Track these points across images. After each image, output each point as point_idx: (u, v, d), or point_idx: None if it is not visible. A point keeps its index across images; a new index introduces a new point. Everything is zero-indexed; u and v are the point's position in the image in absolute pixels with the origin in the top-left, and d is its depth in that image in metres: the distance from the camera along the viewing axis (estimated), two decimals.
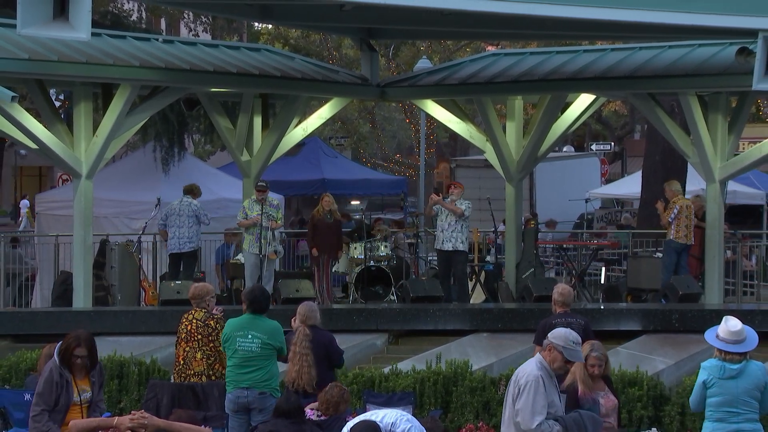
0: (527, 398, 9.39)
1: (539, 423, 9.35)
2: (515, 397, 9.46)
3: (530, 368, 9.56)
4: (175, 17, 37.73)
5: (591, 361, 10.74)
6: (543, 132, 20.81)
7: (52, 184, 43.27)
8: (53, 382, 9.58)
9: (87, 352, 9.65)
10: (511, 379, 9.67)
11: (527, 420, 9.37)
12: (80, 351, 9.63)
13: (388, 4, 16.06)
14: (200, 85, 19.38)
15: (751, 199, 30.21)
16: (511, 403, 9.52)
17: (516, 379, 9.54)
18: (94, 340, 9.80)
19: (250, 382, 12.09)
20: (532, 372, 9.50)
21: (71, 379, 9.62)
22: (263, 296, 12.47)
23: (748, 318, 14.83)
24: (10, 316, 18.46)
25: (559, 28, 18.90)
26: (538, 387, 9.43)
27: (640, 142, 48.26)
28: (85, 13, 13.69)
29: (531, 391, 9.40)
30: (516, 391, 9.46)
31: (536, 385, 9.42)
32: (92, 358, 9.70)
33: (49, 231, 22.69)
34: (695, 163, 19.28)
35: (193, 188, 20.61)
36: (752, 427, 10.35)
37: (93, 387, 9.75)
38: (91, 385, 9.76)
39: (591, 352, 10.77)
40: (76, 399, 9.65)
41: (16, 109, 17.05)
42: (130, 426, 9.24)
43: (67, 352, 9.64)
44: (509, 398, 9.57)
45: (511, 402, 9.51)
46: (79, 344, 9.63)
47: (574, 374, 10.62)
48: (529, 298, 19.20)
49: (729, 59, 17.72)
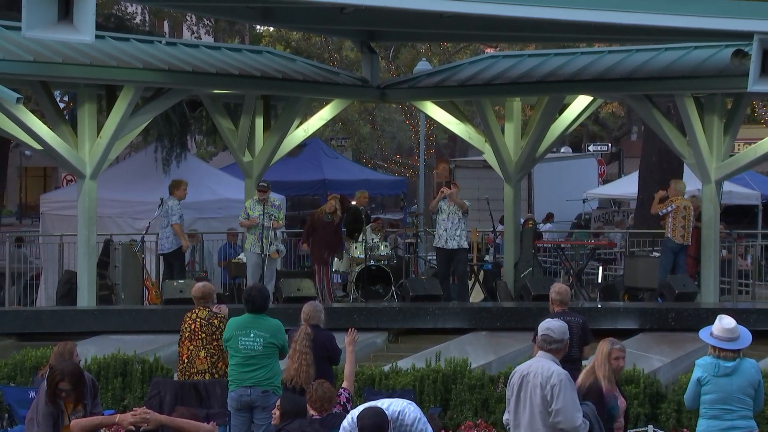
0: (565, 397, 9.09)
1: (582, 420, 9.15)
2: (549, 398, 9.08)
3: (554, 367, 9.23)
4: (178, 20, 37.78)
5: (615, 354, 10.32)
6: (541, 133, 20.82)
7: (56, 184, 43.29)
8: (49, 414, 9.46)
9: (71, 386, 9.43)
10: (528, 381, 9.22)
11: (571, 419, 9.09)
12: (64, 385, 9.42)
13: (388, 6, 16.09)
14: (203, 87, 19.39)
15: (747, 200, 30.24)
16: (541, 404, 9.12)
17: (543, 380, 9.13)
18: (79, 373, 9.54)
19: (253, 381, 12.09)
20: (558, 370, 9.19)
21: (62, 406, 9.50)
22: (260, 296, 12.42)
23: (743, 317, 14.89)
24: (15, 315, 18.47)
25: (556, 31, 18.91)
26: (572, 384, 9.22)
27: (636, 143, 48.26)
28: (89, 15, 13.71)
29: (567, 389, 9.13)
30: (549, 392, 9.09)
31: (569, 382, 9.18)
32: (77, 391, 9.45)
33: (54, 231, 22.71)
34: (691, 164, 19.29)
35: (172, 184, 20.10)
36: (746, 423, 10.37)
37: (85, 407, 9.58)
38: (84, 406, 9.59)
39: (613, 345, 10.36)
40: (67, 422, 9.50)
41: (21, 111, 17.05)
42: (132, 422, 9.19)
43: (52, 385, 9.45)
44: (537, 400, 9.15)
45: (542, 403, 9.11)
46: (63, 378, 9.42)
47: (594, 373, 10.29)
48: (528, 297, 19.20)
49: (724, 61, 17.75)
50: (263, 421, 12.06)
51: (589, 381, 10.28)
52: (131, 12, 32.99)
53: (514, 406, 9.31)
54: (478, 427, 14.15)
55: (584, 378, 10.34)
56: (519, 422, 9.28)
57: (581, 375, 10.43)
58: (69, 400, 9.55)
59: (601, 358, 10.29)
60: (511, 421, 9.38)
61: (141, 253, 20.39)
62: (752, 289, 22.42)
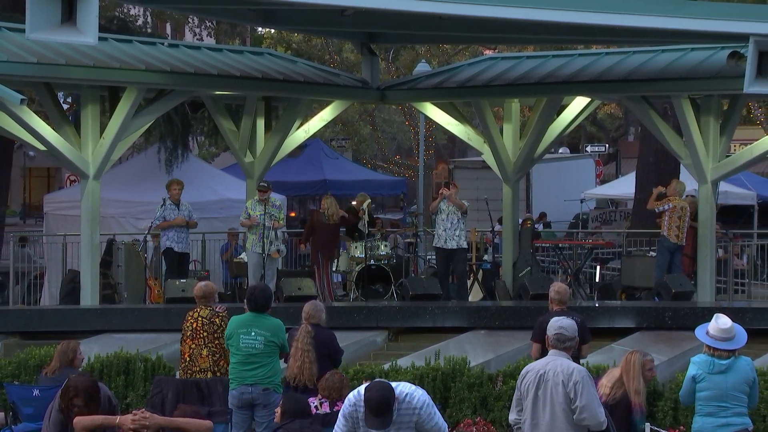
0: (589, 394, 9.00)
1: (605, 416, 9.09)
2: (572, 395, 8.96)
3: (573, 364, 9.15)
4: (180, 22, 37.75)
5: (649, 365, 10.30)
6: (539, 134, 20.83)
7: (60, 185, 43.29)
8: (59, 422, 9.37)
9: (83, 403, 9.21)
10: (547, 380, 9.08)
11: (596, 414, 9.00)
12: (77, 401, 9.22)
13: (388, 9, 16.09)
14: (205, 88, 19.39)
15: (742, 200, 30.24)
16: (564, 402, 8.98)
17: (565, 378, 9.01)
18: (93, 391, 9.25)
19: (254, 379, 12.10)
20: (579, 368, 9.13)
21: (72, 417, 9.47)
22: (262, 295, 12.42)
23: (740, 316, 14.89)
24: (19, 314, 18.47)
25: (554, 33, 18.92)
26: (592, 380, 9.16)
27: (634, 143, 48.25)
28: (93, 18, 13.73)
29: (589, 386, 9.04)
30: (572, 390, 8.97)
31: (590, 379, 9.12)
32: (91, 405, 9.19)
33: (57, 231, 22.71)
34: (688, 165, 19.30)
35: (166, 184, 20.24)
36: (741, 420, 10.39)
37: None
38: None
39: (645, 357, 10.32)
40: None
41: (25, 112, 17.06)
42: (132, 427, 9.08)
43: (65, 399, 9.29)
44: (559, 398, 9.00)
45: (564, 401, 8.98)
46: (77, 395, 9.20)
47: (623, 386, 10.22)
48: (526, 296, 19.21)
49: (721, 63, 17.77)
50: (264, 419, 12.08)
51: (619, 393, 10.24)
52: (134, 14, 33.01)
53: (532, 405, 9.14)
54: (477, 425, 14.15)
55: (613, 389, 10.28)
56: (537, 421, 9.12)
57: (607, 383, 10.34)
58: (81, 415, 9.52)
59: (633, 372, 10.21)
60: (528, 420, 9.17)
61: (143, 253, 20.40)
62: (748, 288, 22.43)
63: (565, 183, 34.82)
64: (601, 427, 9.12)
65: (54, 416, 9.49)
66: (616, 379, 10.36)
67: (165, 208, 19.54)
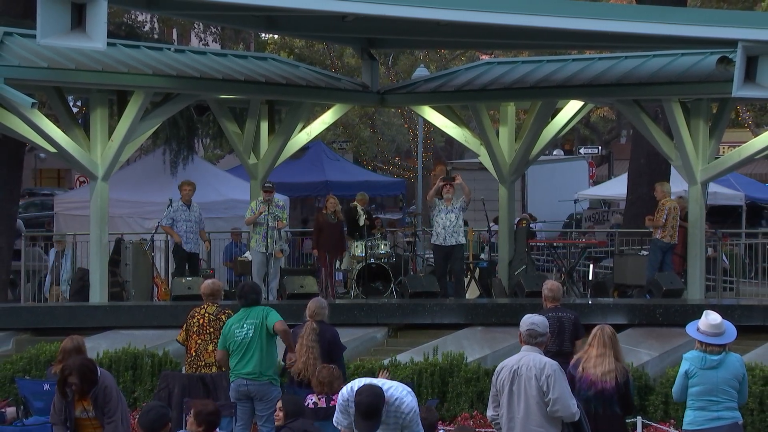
0: (561, 387, 9.12)
1: (576, 407, 9.21)
2: (545, 388, 9.07)
3: (545, 359, 9.24)
4: (186, 28, 37.74)
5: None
6: (534, 136, 20.83)
7: (69, 185, 43.26)
8: (60, 404, 9.65)
9: (78, 380, 9.56)
10: (520, 375, 9.18)
11: (568, 406, 9.13)
12: (72, 379, 9.58)
13: (388, 15, 16.09)
14: (210, 92, 19.39)
15: (731, 200, 30.26)
16: (537, 396, 9.10)
17: (537, 372, 9.11)
18: (88, 367, 9.67)
19: (248, 369, 12.09)
20: (550, 362, 9.21)
21: (72, 399, 9.64)
22: (252, 290, 12.52)
23: (728, 312, 14.86)
24: (30, 311, 18.48)
25: (549, 39, 18.93)
26: (563, 374, 9.24)
27: (626, 146, 48.24)
28: (101, 24, 13.75)
29: (561, 379, 9.15)
30: (545, 383, 9.08)
31: (561, 372, 9.21)
32: (85, 384, 9.57)
33: (67, 230, 22.71)
34: (678, 166, 19.30)
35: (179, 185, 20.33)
36: (731, 414, 10.40)
37: (96, 408, 9.65)
38: (94, 405, 9.66)
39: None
40: (79, 415, 9.66)
41: (35, 115, 17.06)
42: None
43: (62, 379, 9.62)
44: (532, 392, 9.12)
45: (537, 394, 9.10)
46: (71, 373, 9.57)
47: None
48: (521, 294, 19.21)
49: (710, 68, 17.76)
50: (263, 412, 12.09)
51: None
52: (141, 20, 33.01)
53: (507, 400, 9.26)
54: (474, 418, 14.16)
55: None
56: (513, 415, 9.24)
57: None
58: (79, 392, 9.64)
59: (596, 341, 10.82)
60: (504, 414, 9.30)
61: (151, 252, 20.40)
62: (736, 285, 22.43)
63: (560, 184, 34.81)
64: (573, 418, 9.26)
65: (57, 402, 9.60)
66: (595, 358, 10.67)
67: (172, 208, 19.55)
